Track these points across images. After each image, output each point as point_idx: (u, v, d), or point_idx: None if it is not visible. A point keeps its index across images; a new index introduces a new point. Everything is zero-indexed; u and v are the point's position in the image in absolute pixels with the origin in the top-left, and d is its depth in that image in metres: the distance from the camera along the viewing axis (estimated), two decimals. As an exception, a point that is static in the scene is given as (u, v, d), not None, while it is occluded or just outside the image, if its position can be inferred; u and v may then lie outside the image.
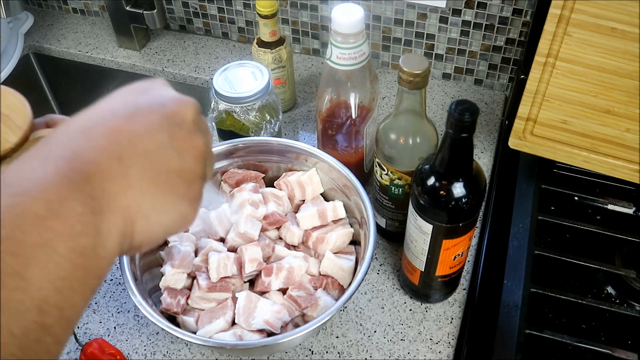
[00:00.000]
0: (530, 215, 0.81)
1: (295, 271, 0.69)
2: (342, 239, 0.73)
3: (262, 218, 0.73)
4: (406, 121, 0.67)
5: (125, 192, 0.33)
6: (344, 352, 0.71)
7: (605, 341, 0.71)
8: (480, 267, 0.77)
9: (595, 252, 0.78)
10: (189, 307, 0.69)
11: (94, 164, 0.32)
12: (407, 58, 0.62)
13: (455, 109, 0.53)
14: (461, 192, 0.60)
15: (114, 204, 0.32)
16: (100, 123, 0.34)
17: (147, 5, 1.04)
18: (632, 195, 0.83)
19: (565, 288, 0.75)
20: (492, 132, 0.94)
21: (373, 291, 0.76)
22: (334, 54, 0.71)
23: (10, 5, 1.05)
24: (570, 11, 0.67)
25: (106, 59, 1.11)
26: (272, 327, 0.65)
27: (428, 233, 0.64)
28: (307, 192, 0.76)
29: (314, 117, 0.98)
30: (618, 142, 0.74)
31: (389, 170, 0.71)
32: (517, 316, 0.71)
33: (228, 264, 0.68)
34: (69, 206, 0.30)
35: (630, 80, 0.69)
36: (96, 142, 0.33)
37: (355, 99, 0.76)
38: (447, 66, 1.01)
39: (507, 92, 1.01)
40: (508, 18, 0.92)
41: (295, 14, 1.03)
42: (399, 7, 0.96)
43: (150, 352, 0.71)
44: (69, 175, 0.31)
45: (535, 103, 0.75)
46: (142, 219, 0.34)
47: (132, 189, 0.33)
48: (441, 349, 0.71)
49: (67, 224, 0.30)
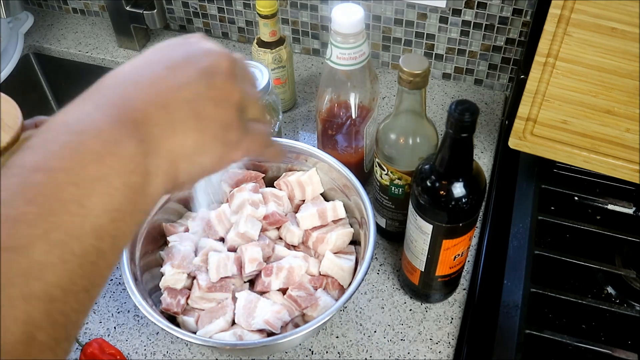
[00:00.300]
0: (530, 215, 0.81)
1: (295, 271, 0.69)
2: (342, 239, 0.73)
3: (262, 218, 0.73)
4: (406, 121, 0.67)
5: (170, 137, 0.36)
6: (344, 352, 0.71)
7: (605, 341, 0.71)
8: (480, 267, 0.77)
9: (595, 252, 0.78)
10: (189, 307, 0.69)
11: (142, 112, 0.35)
12: (407, 58, 0.62)
13: (455, 109, 0.53)
14: (461, 192, 0.60)
15: (161, 147, 0.35)
16: (146, 74, 0.37)
17: (147, 5, 1.04)
18: (632, 195, 0.83)
19: (565, 288, 0.75)
20: (492, 132, 0.94)
21: (373, 291, 0.76)
22: (334, 54, 0.71)
23: (10, 5, 1.05)
24: (570, 11, 0.67)
25: (106, 59, 1.11)
26: (272, 327, 0.65)
27: (428, 233, 0.64)
28: (307, 192, 0.76)
29: (314, 117, 0.98)
30: (618, 142, 0.74)
31: (389, 170, 0.71)
32: (517, 316, 0.71)
33: (228, 264, 0.68)
34: (123, 147, 0.33)
35: (630, 80, 0.69)
36: (144, 92, 0.36)
37: (355, 99, 0.76)
38: (447, 66, 1.01)
39: (507, 92, 1.01)
40: (508, 18, 0.92)
41: (295, 14, 1.03)
42: (399, 7, 0.96)
43: (150, 352, 0.71)
44: (121, 120, 0.34)
45: (535, 103, 0.75)
46: (184, 161, 0.37)
47: (176, 135, 0.36)
48: (441, 349, 0.71)
49: (121, 162, 0.33)
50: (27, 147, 0.32)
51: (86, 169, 0.32)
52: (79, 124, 0.33)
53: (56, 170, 0.31)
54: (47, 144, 0.32)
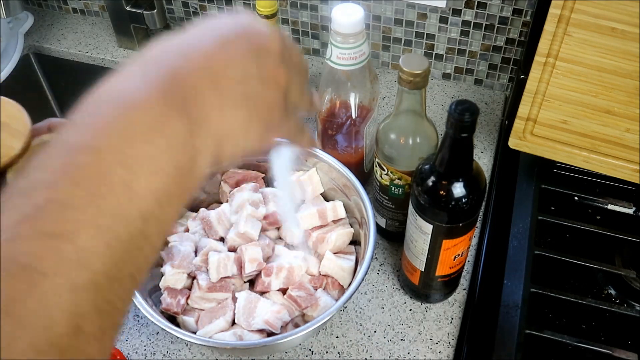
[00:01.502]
0: (530, 215, 0.81)
1: (295, 271, 0.69)
2: (342, 239, 0.73)
3: (262, 218, 0.73)
4: (406, 121, 0.67)
5: (218, 116, 0.35)
6: (344, 352, 0.71)
7: (605, 341, 0.71)
8: (480, 267, 0.77)
9: (595, 252, 0.78)
10: (189, 307, 0.69)
11: (193, 89, 0.34)
12: (407, 58, 0.62)
13: (455, 109, 0.53)
14: (461, 192, 0.60)
15: (209, 126, 0.34)
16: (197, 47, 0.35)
17: (147, 5, 1.04)
18: (632, 195, 0.83)
19: (565, 288, 0.75)
20: (492, 132, 0.94)
21: (373, 291, 0.76)
22: (334, 54, 0.71)
23: (10, 5, 1.05)
24: (570, 11, 0.67)
25: (106, 59, 1.11)
26: (272, 327, 0.65)
27: (428, 233, 0.64)
28: (307, 192, 0.76)
29: (314, 117, 0.98)
30: (618, 142, 0.74)
31: (389, 170, 0.71)
32: (517, 316, 0.71)
33: (228, 264, 0.68)
34: (171, 125, 0.32)
35: (630, 80, 0.69)
36: (194, 66, 0.34)
37: (355, 99, 0.76)
38: (447, 66, 1.01)
39: (507, 92, 1.01)
40: (508, 18, 0.92)
41: (295, 14, 1.03)
42: (399, 7, 0.96)
43: (150, 352, 0.71)
44: (170, 96, 0.32)
45: (535, 103, 0.75)
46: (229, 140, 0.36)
47: (224, 114, 0.35)
48: (441, 349, 0.71)
49: (170, 141, 0.32)
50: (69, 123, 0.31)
51: (134, 148, 0.30)
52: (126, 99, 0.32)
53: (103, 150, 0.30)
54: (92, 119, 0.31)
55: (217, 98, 0.35)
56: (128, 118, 0.31)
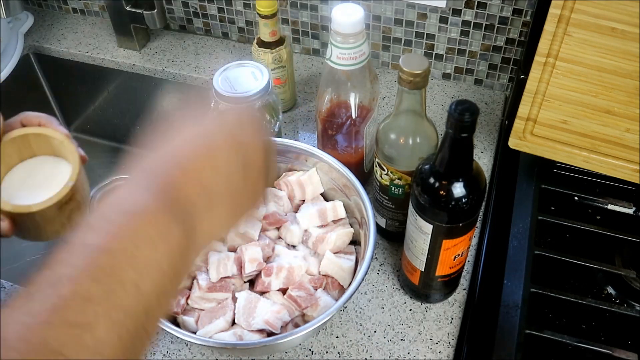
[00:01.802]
0: (530, 215, 0.81)
1: (295, 271, 0.69)
2: (342, 238, 0.73)
3: (262, 218, 0.73)
4: (406, 121, 0.67)
5: (210, 221, 0.42)
6: (344, 352, 0.71)
7: (605, 341, 0.71)
8: (480, 267, 0.77)
9: (595, 252, 0.78)
10: (189, 307, 0.69)
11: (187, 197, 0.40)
12: (407, 58, 0.62)
13: (455, 109, 0.53)
14: (461, 192, 0.60)
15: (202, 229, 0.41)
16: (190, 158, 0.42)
17: (147, 5, 1.04)
18: (632, 195, 0.83)
19: (565, 288, 0.75)
20: (492, 132, 0.94)
21: (373, 291, 0.76)
22: (334, 54, 0.71)
23: (10, 5, 1.05)
24: (570, 11, 0.67)
25: (106, 59, 1.11)
26: (272, 327, 0.65)
27: (428, 233, 0.64)
28: (307, 192, 0.76)
29: (314, 117, 0.98)
30: (618, 142, 0.74)
31: (389, 170, 0.71)
32: (517, 316, 0.71)
33: (228, 264, 0.68)
34: (172, 232, 0.38)
35: (630, 80, 0.69)
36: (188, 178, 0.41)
37: (355, 99, 0.76)
38: (447, 66, 1.01)
39: (507, 92, 1.01)
40: (508, 18, 0.92)
41: (295, 14, 1.03)
42: (399, 7, 0.96)
43: (150, 352, 0.71)
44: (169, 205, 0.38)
45: (535, 103, 0.75)
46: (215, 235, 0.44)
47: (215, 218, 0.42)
48: (441, 349, 0.71)
49: (170, 246, 0.37)
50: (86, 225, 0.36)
51: (142, 252, 0.35)
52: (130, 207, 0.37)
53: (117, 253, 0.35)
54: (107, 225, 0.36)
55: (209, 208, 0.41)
56: (136, 226, 0.36)
